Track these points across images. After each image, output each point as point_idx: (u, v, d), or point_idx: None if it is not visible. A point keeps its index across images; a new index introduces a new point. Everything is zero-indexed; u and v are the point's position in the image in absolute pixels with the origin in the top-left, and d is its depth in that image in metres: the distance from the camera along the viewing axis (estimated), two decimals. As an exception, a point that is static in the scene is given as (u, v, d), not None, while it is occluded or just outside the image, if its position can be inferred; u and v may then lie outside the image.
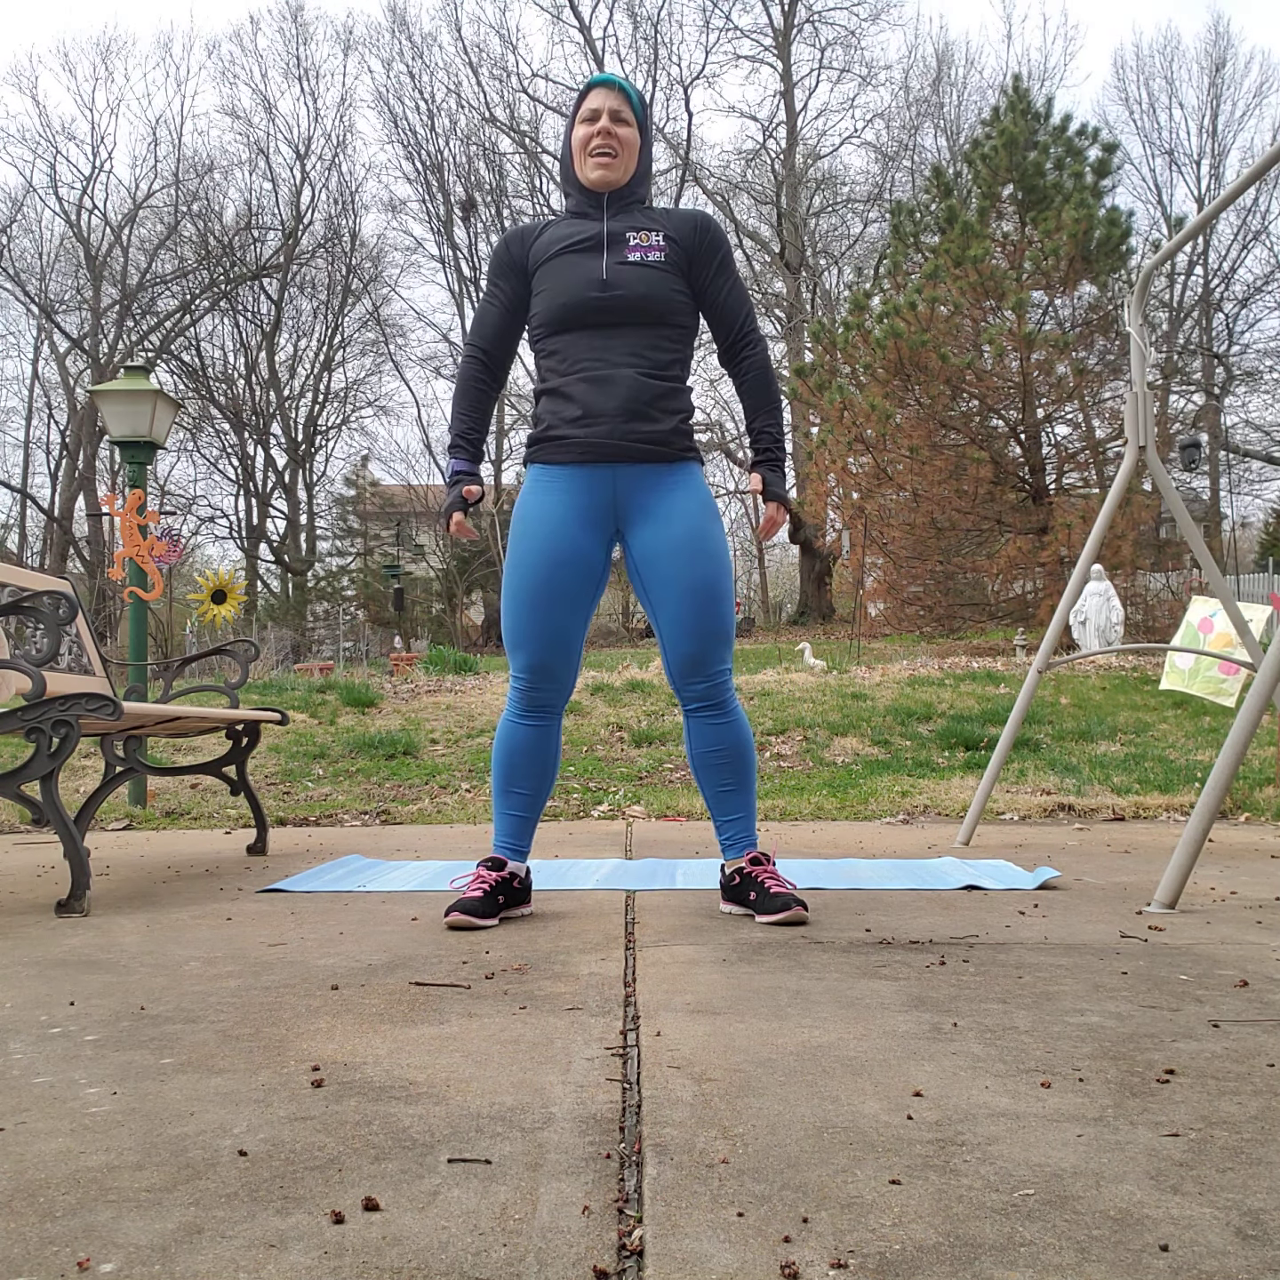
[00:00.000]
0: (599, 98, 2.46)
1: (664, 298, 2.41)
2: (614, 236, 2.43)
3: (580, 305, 2.39)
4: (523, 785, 2.45)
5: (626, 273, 2.39)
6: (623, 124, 2.46)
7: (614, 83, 2.48)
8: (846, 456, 14.06)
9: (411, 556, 26.96)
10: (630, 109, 2.48)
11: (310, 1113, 1.22)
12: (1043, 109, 13.97)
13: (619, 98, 2.46)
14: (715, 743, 2.43)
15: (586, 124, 2.47)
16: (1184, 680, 5.30)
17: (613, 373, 2.38)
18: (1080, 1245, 0.90)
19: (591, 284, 2.39)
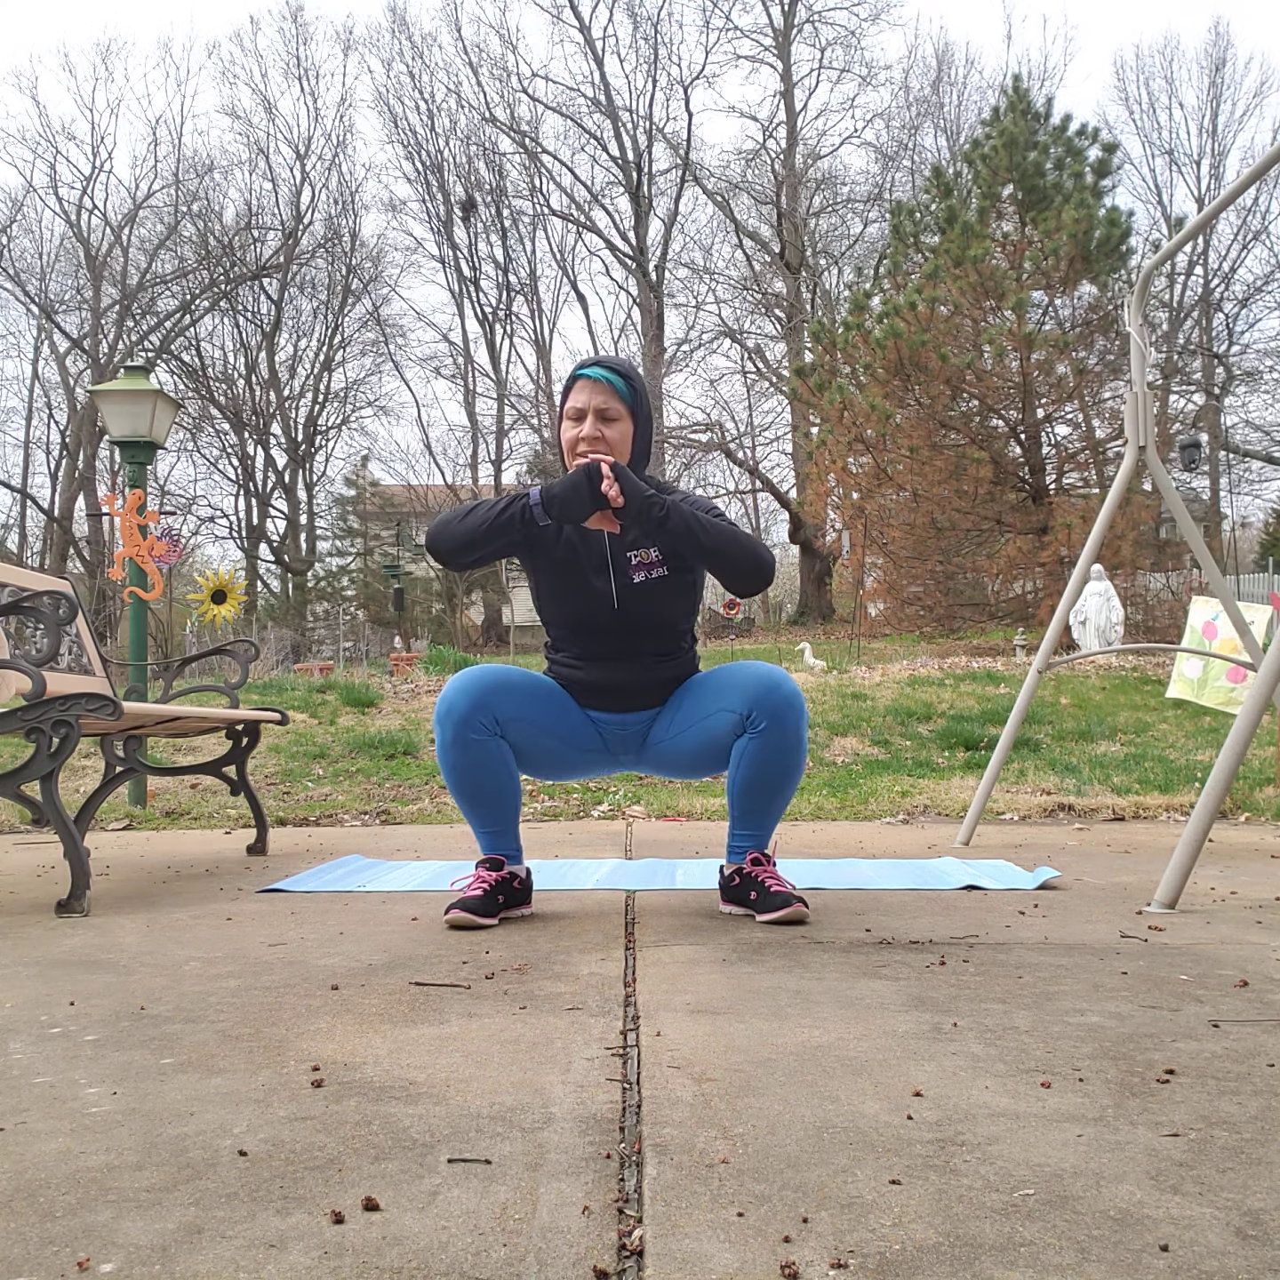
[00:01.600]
0: (583, 394, 2.38)
1: (671, 607, 2.48)
2: (617, 560, 2.42)
3: (593, 622, 2.46)
4: (484, 805, 2.41)
5: (635, 595, 2.43)
6: (609, 422, 2.38)
7: (597, 376, 2.38)
8: (846, 456, 14.07)
9: (411, 556, 26.95)
10: (619, 399, 2.38)
11: (310, 1113, 1.22)
12: (1043, 109, 13.98)
13: (605, 392, 2.37)
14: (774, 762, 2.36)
15: (572, 423, 2.40)
16: (1193, 690, 5.30)
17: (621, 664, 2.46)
18: (1080, 1245, 0.90)
19: (604, 609, 2.43)
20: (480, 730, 2.34)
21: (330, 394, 29.37)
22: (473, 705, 2.34)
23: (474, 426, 28.00)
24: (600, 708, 2.51)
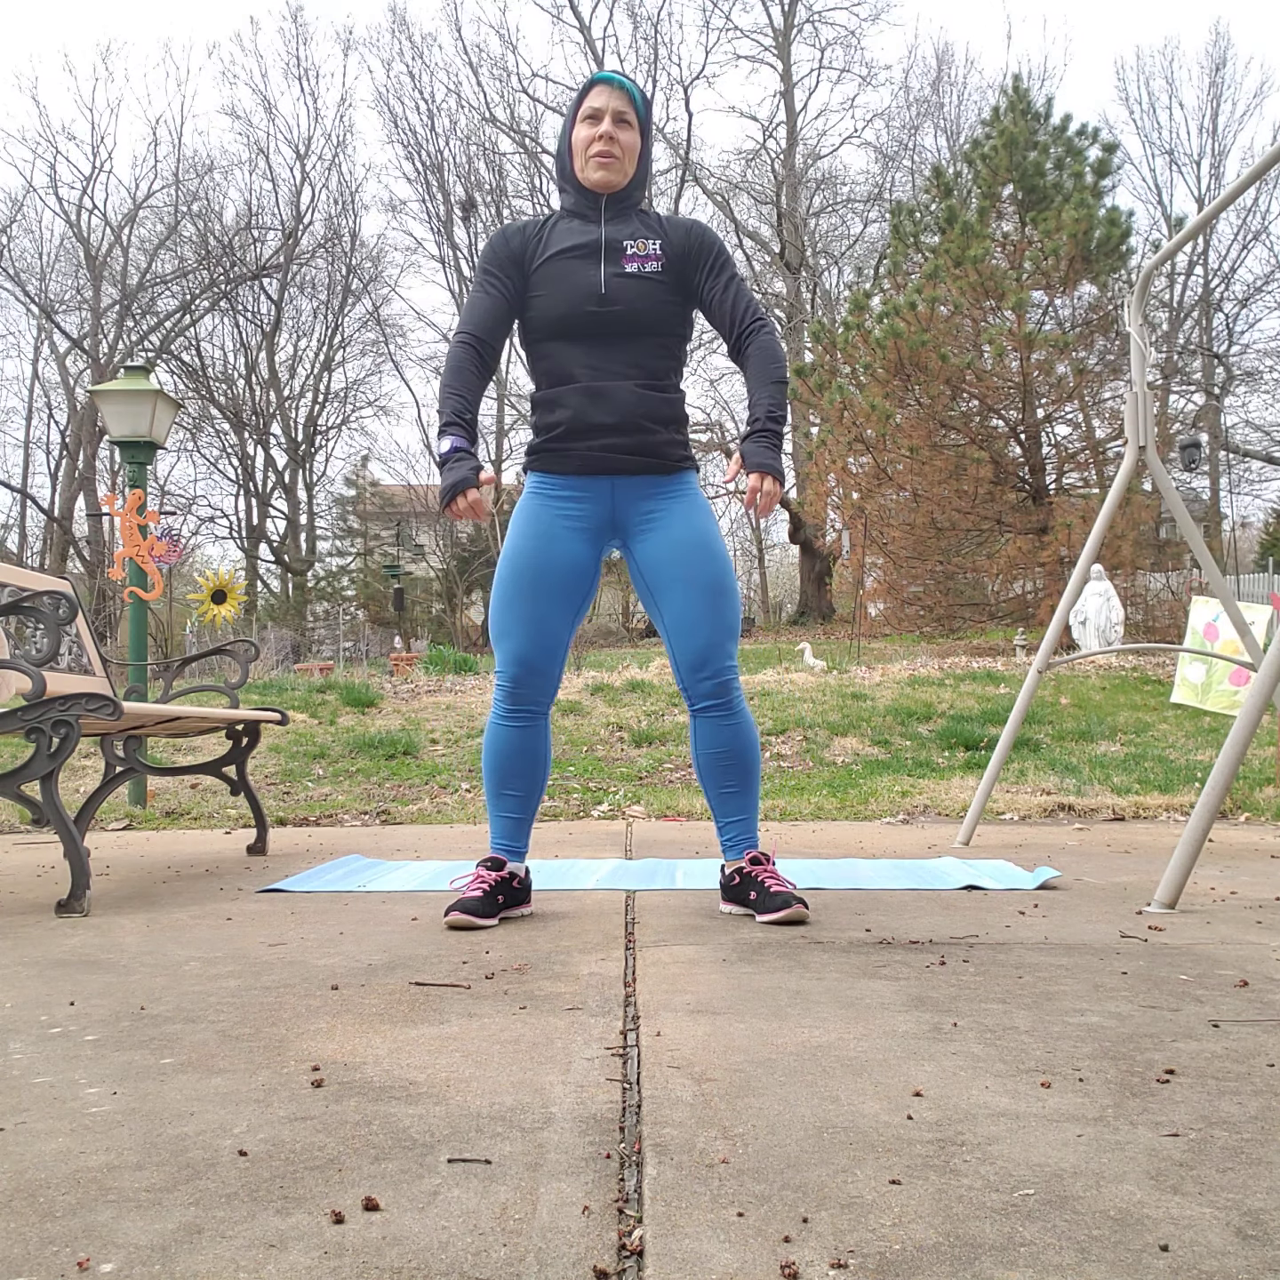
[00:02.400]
0: (602, 96, 2.42)
1: (660, 310, 2.42)
2: (611, 245, 2.41)
3: (578, 317, 2.39)
4: (514, 787, 2.45)
5: (624, 285, 2.39)
6: (625, 126, 2.43)
7: (618, 82, 2.44)
8: (846, 456, 14.06)
9: (411, 556, 26.96)
10: (634, 109, 2.44)
11: (310, 1113, 1.22)
12: (1043, 109, 13.96)
13: (622, 97, 2.43)
14: (721, 743, 2.42)
15: (588, 123, 2.43)
16: (1197, 695, 5.29)
17: (609, 384, 2.38)
18: (1080, 1245, 0.90)
19: (590, 297, 2.38)
20: (544, 706, 2.45)
21: (330, 394, 29.38)
22: (539, 681, 2.42)
23: (474, 426, 27.97)
24: (590, 466, 2.40)
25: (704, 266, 2.47)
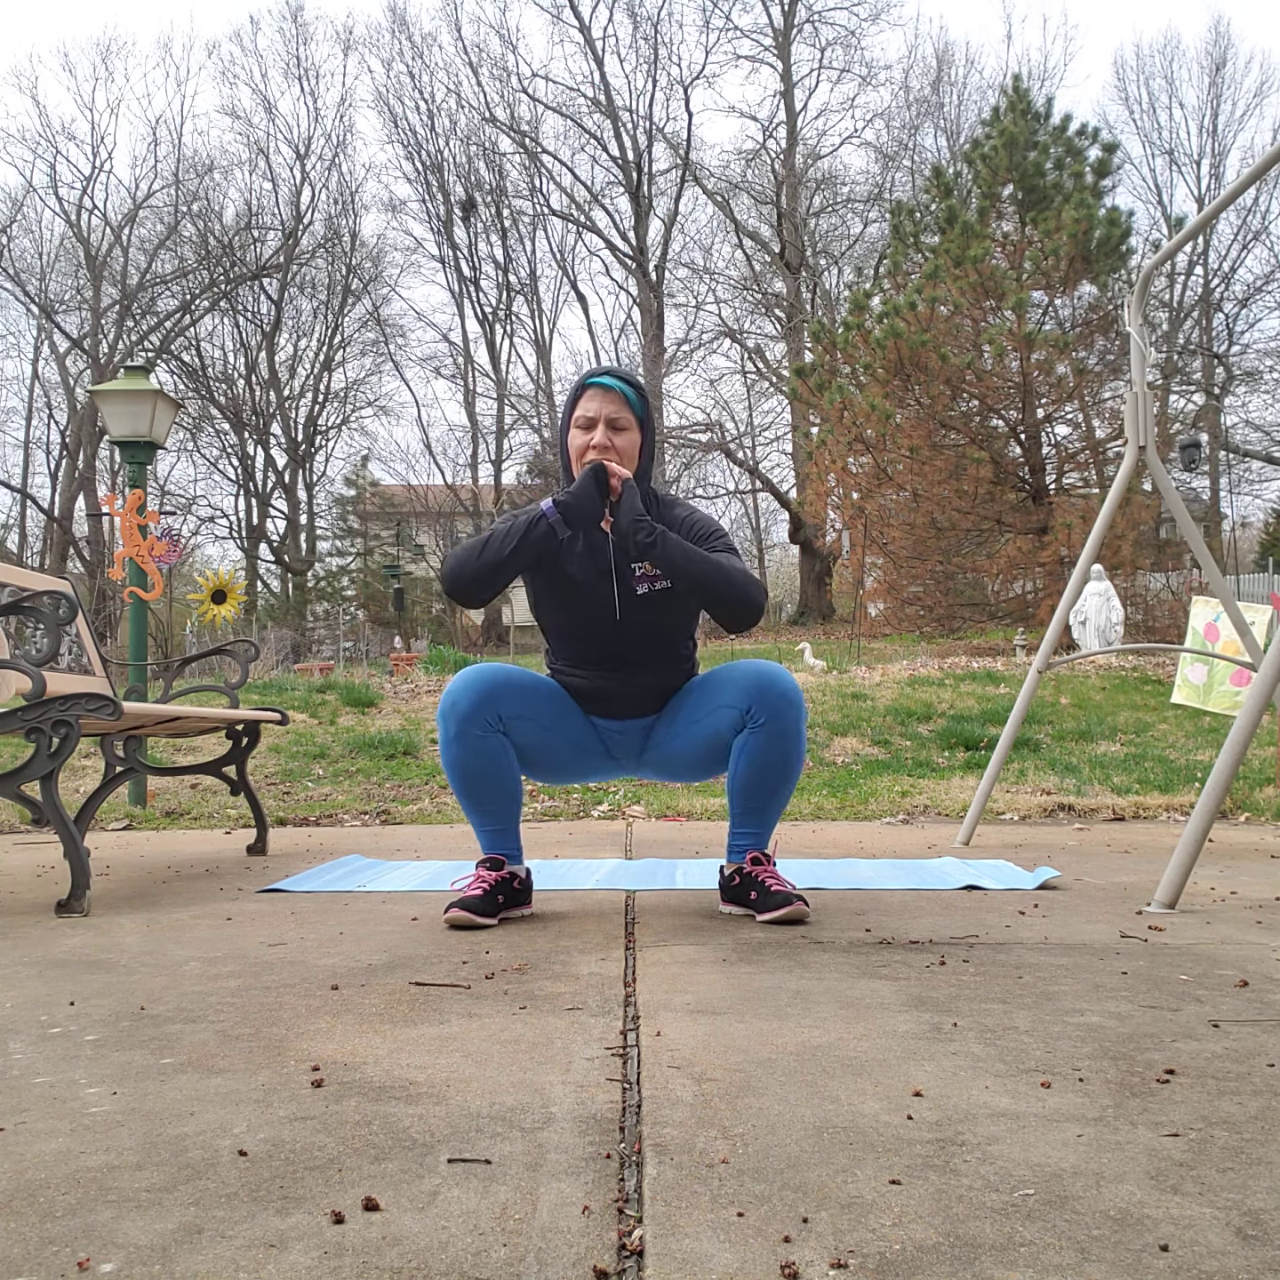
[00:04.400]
0: (594, 401, 2.38)
1: (672, 620, 2.46)
2: (621, 571, 2.41)
3: (595, 633, 2.44)
4: (486, 803, 2.41)
5: (638, 607, 2.42)
6: (620, 431, 2.39)
7: (609, 386, 2.39)
8: (846, 456, 14.06)
9: (411, 556, 26.97)
10: (629, 409, 2.40)
11: (310, 1113, 1.22)
12: (1043, 109, 13.98)
13: (616, 401, 2.38)
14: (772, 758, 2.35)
15: (581, 431, 2.40)
16: (1199, 696, 5.29)
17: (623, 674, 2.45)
18: (1080, 1245, 0.90)
19: (606, 619, 2.42)
20: (484, 727, 2.34)
21: (330, 394, 29.40)
22: (477, 701, 2.34)
23: (474, 426, 28.02)
24: (600, 714, 2.51)
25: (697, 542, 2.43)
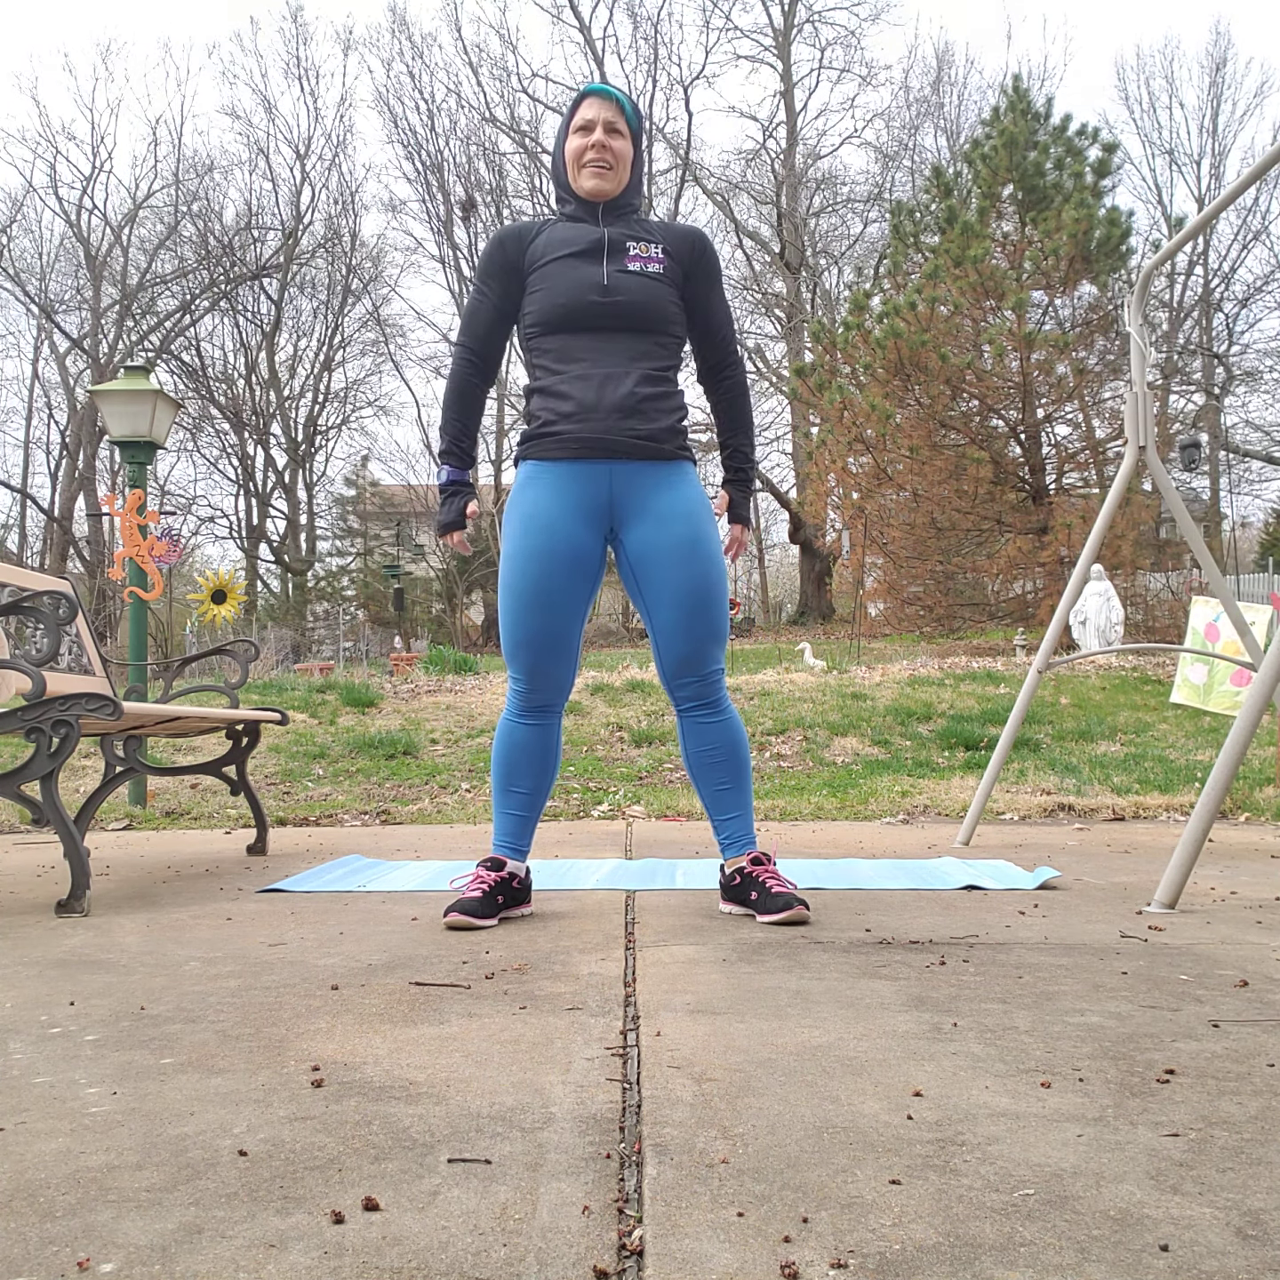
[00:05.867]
0: (593, 108, 2.46)
1: (662, 307, 2.44)
2: (615, 244, 2.44)
3: (580, 308, 2.40)
4: (522, 784, 2.46)
5: (627, 280, 2.41)
6: (617, 135, 2.47)
7: (608, 93, 2.48)
8: (846, 456, 14.06)
9: (411, 556, 26.96)
10: (624, 119, 2.48)
11: (310, 1113, 1.22)
12: (1043, 109, 13.97)
13: (613, 108, 2.46)
14: (710, 742, 2.45)
15: (580, 134, 2.47)
16: (1199, 696, 5.29)
17: (609, 371, 2.39)
18: (1080, 1245, 0.90)
19: (592, 288, 2.40)
20: (557, 711, 2.47)
21: (330, 394, 29.38)
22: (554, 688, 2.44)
23: (474, 426, 27.97)
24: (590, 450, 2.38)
25: (701, 275, 2.52)
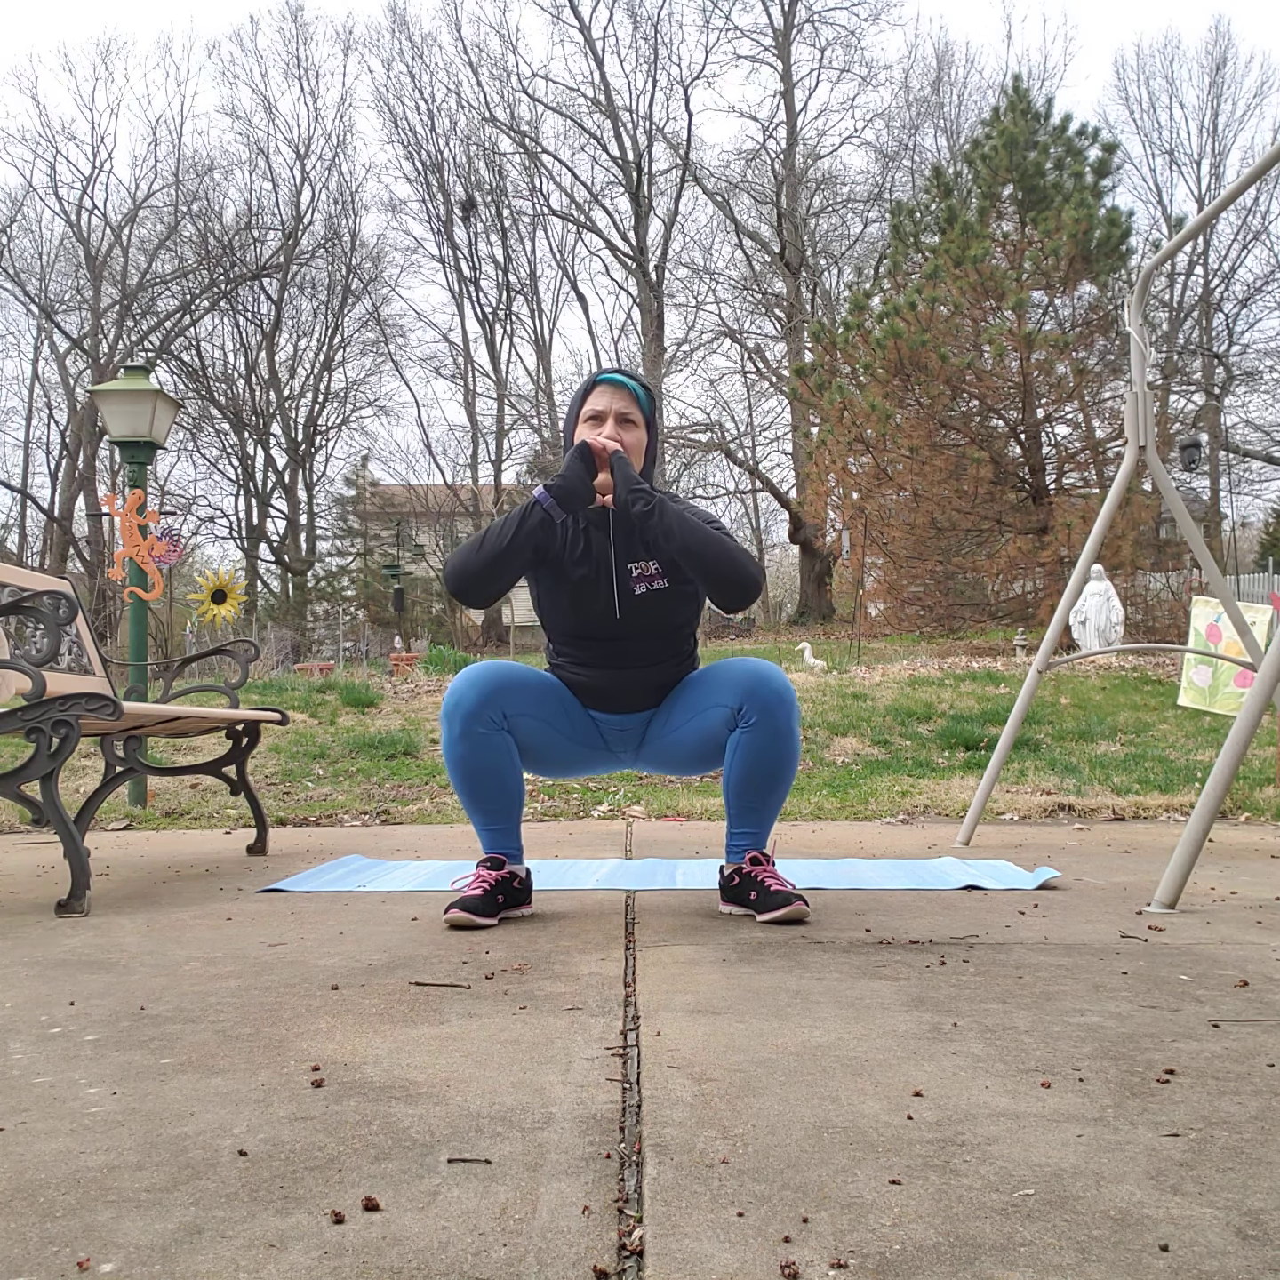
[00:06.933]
0: (604, 398, 2.40)
1: (672, 618, 2.46)
2: (620, 571, 2.41)
3: (594, 630, 2.45)
4: (488, 802, 2.41)
5: (637, 605, 2.42)
6: (629, 426, 2.41)
7: (619, 382, 2.41)
8: (846, 456, 14.07)
9: (411, 556, 26.97)
10: (637, 407, 2.42)
11: (310, 1113, 1.22)
12: (1043, 109, 13.98)
13: (625, 397, 2.41)
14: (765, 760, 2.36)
15: (590, 425, 2.41)
16: (1204, 699, 5.29)
17: (626, 674, 2.47)
18: (1080, 1245, 0.90)
19: (605, 616, 2.43)
20: (488, 725, 2.35)
21: (330, 394, 29.40)
22: (481, 699, 2.35)
23: (474, 426, 28.03)
24: (601, 709, 2.53)
25: None
